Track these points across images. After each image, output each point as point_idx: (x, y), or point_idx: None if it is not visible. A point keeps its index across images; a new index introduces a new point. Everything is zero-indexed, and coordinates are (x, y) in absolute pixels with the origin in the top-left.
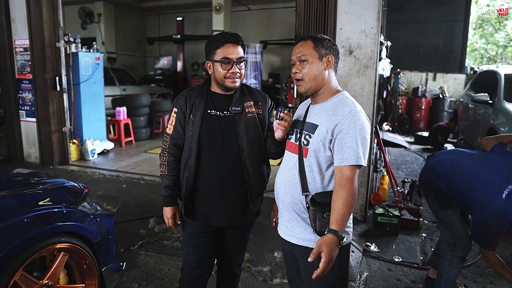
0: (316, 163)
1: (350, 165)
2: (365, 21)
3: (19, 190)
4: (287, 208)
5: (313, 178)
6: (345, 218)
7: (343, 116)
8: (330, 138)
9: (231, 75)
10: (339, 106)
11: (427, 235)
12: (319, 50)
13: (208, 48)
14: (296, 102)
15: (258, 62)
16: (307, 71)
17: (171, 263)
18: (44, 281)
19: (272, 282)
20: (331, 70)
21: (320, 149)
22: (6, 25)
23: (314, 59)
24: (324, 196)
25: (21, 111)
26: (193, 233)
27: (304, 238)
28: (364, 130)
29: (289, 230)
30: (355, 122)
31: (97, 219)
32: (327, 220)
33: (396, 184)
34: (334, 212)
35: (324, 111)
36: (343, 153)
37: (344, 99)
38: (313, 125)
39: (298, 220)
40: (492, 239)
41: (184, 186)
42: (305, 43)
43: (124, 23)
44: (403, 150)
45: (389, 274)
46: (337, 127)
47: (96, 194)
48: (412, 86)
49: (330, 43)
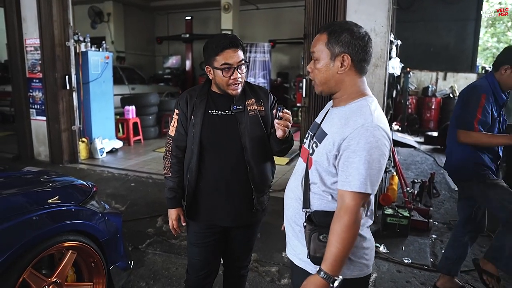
0: (319, 177)
1: (353, 192)
2: (375, 19)
3: (29, 188)
4: (289, 222)
5: (316, 193)
6: (340, 257)
7: (353, 129)
8: (336, 153)
9: (233, 81)
10: (354, 116)
11: (437, 237)
12: (332, 48)
13: (206, 53)
14: (305, 101)
15: (267, 61)
16: (317, 72)
17: (178, 262)
18: (52, 279)
19: (280, 283)
20: (349, 71)
21: (323, 162)
22: (17, 24)
23: (326, 59)
24: (322, 216)
25: (31, 110)
26: (198, 233)
27: (306, 260)
28: (378, 149)
29: (292, 248)
30: (367, 139)
31: (105, 217)
32: (323, 244)
33: (405, 185)
34: (328, 248)
35: (338, 119)
36: (347, 175)
37: (362, 107)
38: (323, 133)
39: (299, 237)
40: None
41: (187, 187)
42: (320, 36)
43: (133, 22)
44: (413, 150)
45: (399, 276)
46: (344, 142)
47: (104, 193)
48: (422, 86)
49: (351, 36)
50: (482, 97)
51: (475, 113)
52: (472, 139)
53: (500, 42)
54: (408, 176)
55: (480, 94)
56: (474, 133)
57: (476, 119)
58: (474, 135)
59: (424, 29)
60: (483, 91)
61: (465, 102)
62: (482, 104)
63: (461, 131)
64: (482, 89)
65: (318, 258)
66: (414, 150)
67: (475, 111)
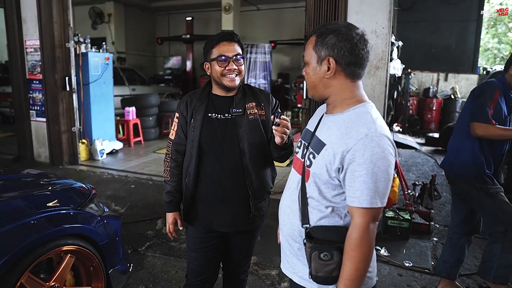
0: (317, 190)
1: (362, 208)
2: (376, 21)
3: (28, 191)
4: (287, 239)
5: (315, 207)
6: (353, 276)
7: (357, 140)
8: (338, 166)
9: (228, 72)
10: (355, 125)
11: (438, 239)
12: (318, 51)
13: (205, 49)
14: (306, 103)
15: (267, 62)
16: (306, 77)
17: (178, 265)
18: (51, 283)
19: (279, 286)
20: (337, 75)
21: (322, 175)
22: (17, 25)
23: (314, 62)
24: (321, 231)
25: (31, 111)
26: (197, 238)
27: (307, 278)
28: (385, 160)
29: (290, 265)
30: (373, 150)
31: (104, 220)
32: (324, 263)
33: (406, 187)
34: (343, 271)
35: (336, 127)
36: (354, 190)
37: (363, 114)
38: (320, 143)
39: (299, 255)
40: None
41: (184, 192)
42: (311, 39)
43: (134, 23)
44: (414, 151)
45: (400, 280)
46: (348, 155)
47: (104, 195)
48: (423, 87)
49: (336, 38)
50: (496, 92)
51: (489, 107)
52: (488, 132)
53: (501, 43)
54: (409, 178)
55: (494, 88)
56: (490, 126)
57: (491, 113)
58: (491, 128)
59: (426, 30)
60: (497, 87)
61: (478, 96)
62: (496, 99)
63: (477, 124)
64: (496, 85)
65: (320, 277)
66: (415, 152)
67: (489, 105)
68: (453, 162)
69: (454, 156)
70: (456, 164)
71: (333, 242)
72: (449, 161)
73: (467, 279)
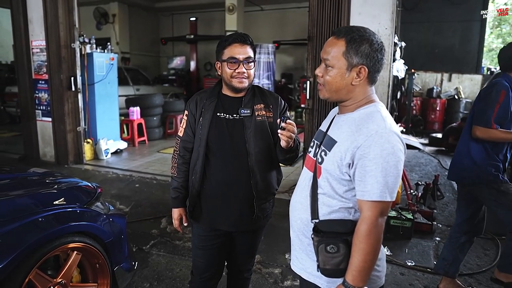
0: (329, 186)
1: (372, 201)
2: (379, 22)
3: (34, 189)
4: (297, 234)
5: (325, 203)
6: (361, 267)
7: (367, 136)
8: (349, 162)
9: (237, 74)
10: (365, 122)
11: (440, 239)
12: (350, 58)
13: (217, 49)
14: (309, 103)
15: (271, 62)
16: (329, 80)
17: (182, 263)
18: (58, 280)
19: (283, 284)
20: (362, 82)
21: (334, 171)
22: (23, 26)
23: (341, 68)
24: (328, 224)
25: (37, 111)
26: (202, 236)
27: (315, 274)
28: (394, 155)
29: (299, 262)
30: (383, 146)
31: (110, 219)
32: (331, 255)
33: (409, 187)
34: (351, 263)
35: (347, 125)
36: (365, 185)
37: (373, 113)
38: (332, 141)
39: (308, 251)
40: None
41: (190, 189)
42: (337, 41)
43: (138, 23)
44: (417, 152)
45: (402, 279)
46: (359, 151)
47: (109, 194)
48: (426, 87)
49: (371, 48)
50: (502, 93)
51: (493, 110)
52: (488, 134)
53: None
54: (412, 178)
55: (500, 90)
56: (491, 130)
57: (493, 117)
58: (491, 132)
59: (429, 30)
60: (503, 88)
61: (484, 98)
62: (501, 100)
63: (478, 127)
64: (502, 86)
65: (328, 270)
66: (418, 152)
67: (493, 108)
68: (461, 164)
69: (462, 158)
70: (464, 165)
71: (339, 235)
72: (457, 162)
73: (469, 279)
